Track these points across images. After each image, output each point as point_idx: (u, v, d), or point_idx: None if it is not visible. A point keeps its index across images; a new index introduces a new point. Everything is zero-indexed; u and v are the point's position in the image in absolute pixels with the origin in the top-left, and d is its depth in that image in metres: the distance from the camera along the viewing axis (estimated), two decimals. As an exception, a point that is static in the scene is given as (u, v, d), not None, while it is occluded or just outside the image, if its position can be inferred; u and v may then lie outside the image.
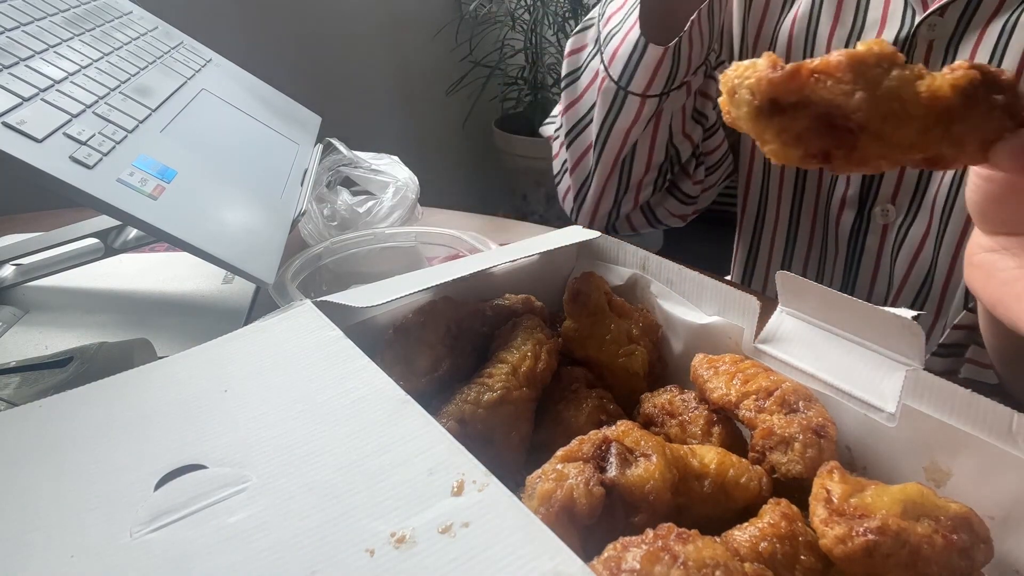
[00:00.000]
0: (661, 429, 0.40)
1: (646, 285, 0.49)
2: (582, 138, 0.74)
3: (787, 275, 0.41)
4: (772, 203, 0.78)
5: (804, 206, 0.75)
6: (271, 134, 0.73)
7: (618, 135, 0.69)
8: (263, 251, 0.54)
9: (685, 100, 0.70)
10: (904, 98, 0.31)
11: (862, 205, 0.69)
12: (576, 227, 0.51)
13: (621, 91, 0.67)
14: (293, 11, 1.62)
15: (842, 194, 0.70)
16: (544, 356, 0.41)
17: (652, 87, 0.66)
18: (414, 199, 0.74)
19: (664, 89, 0.67)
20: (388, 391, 0.31)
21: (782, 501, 0.33)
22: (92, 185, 0.48)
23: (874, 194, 0.68)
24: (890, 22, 0.62)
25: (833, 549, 0.29)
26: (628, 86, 0.67)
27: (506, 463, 0.37)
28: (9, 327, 0.59)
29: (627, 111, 0.68)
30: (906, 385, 0.35)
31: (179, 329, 0.60)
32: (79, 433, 0.30)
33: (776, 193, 0.77)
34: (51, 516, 0.26)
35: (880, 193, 0.68)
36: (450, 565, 0.23)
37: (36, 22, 0.60)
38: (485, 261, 0.46)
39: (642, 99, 0.67)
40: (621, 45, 0.67)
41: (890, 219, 0.68)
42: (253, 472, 0.27)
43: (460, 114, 2.07)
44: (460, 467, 0.27)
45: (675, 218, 0.79)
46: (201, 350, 0.35)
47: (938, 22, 0.59)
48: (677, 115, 0.70)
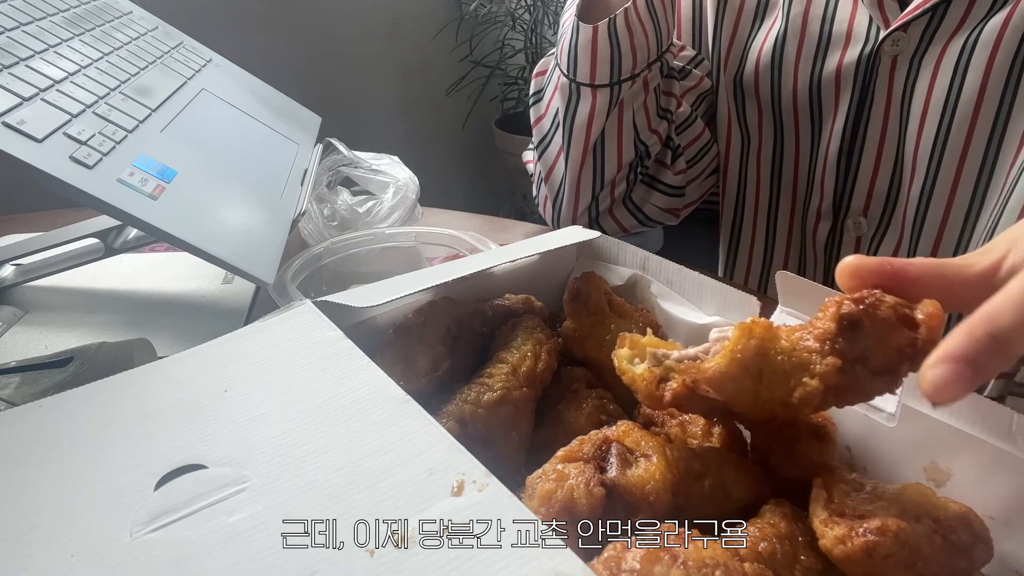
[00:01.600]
0: (661, 429, 0.40)
1: (646, 285, 0.49)
2: (551, 148, 0.75)
3: (787, 275, 0.41)
4: (749, 212, 0.78)
5: (780, 216, 0.76)
6: (271, 134, 0.73)
7: (580, 129, 0.70)
8: (263, 251, 0.54)
9: (645, 97, 0.70)
10: (782, 401, 0.31)
11: (836, 216, 0.70)
12: (576, 227, 0.51)
13: (572, 83, 0.68)
14: (293, 11, 1.62)
15: (817, 206, 0.71)
16: (544, 356, 0.41)
17: (597, 75, 0.67)
18: (414, 199, 0.74)
19: (612, 80, 0.67)
20: (388, 391, 0.31)
21: (782, 501, 0.33)
22: (92, 185, 0.48)
23: (846, 206, 0.69)
24: (855, 38, 0.63)
25: (833, 550, 0.29)
26: (576, 76, 0.67)
27: (506, 463, 0.37)
28: (9, 327, 0.59)
29: (583, 104, 0.69)
30: (906, 385, 0.35)
31: (179, 329, 0.60)
32: (79, 433, 0.30)
33: (753, 203, 0.78)
34: (51, 516, 0.26)
35: (852, 206, 0.69)
36: (450, 565, 0.23)
37: (36, 22, 0.60)
38: (485, 261, 0.46)
39: (592, 90, 0.67)
40: (565, 36, 0.68)
41: (863, 231, 0.69)
42: (253, 472, 0.27)
43: (460, 114, 2.07)
44: (460, 467, 0.27)
45: (666, 213, 0.79)
46: (201, 350, 0.35)
47: (902, 38, 0.60)
48: (640, 112, 0.70)
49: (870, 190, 0.67)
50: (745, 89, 0.73)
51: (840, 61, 0.64)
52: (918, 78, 0.61)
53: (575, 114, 0.69)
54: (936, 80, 0.59)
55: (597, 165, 0.73)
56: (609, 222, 0.77)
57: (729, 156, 0.78)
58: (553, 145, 0.74)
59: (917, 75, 0.61)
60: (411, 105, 1.98)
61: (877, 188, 0.67)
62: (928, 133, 0.61)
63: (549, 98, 0.73)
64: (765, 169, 0.75)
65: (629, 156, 0.72)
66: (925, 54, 0.60)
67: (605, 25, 0.64)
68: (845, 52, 0.64)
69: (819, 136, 0.69)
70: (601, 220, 0.77)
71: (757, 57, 0.70)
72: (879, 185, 0.67)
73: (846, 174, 0.68)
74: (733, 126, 0.76)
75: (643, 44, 0.66)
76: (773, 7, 0.69)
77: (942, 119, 0.60)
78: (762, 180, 0.76)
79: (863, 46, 0.63)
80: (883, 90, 0.63)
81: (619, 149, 0.72)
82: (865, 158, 0.66)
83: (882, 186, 0.67)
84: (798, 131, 0.71)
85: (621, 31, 0.65)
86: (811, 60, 0.66)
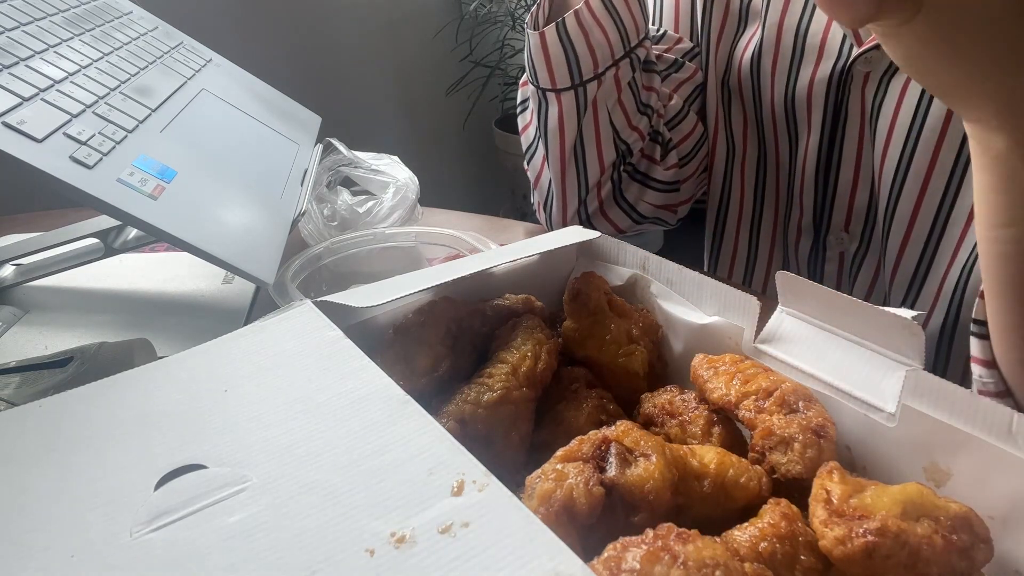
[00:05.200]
0: (661, 429, 0.40)
1: (646, 285, 0.49)
2: (536, 156, 0.74)
3: (787, 275, 0.41)
4: (732, 220, 0.78)
5: (763, 228, 0.76)
6: (271, 134, 0.73)
7: (553, 134, 0.70)
8: (263, 251, 0.54)
9: (619, 95, 0.69)
10: None
11: (817, 232, 0.70)
12: (576, 227, 0.51)
13: (538, 90, 0.68)
14: (293, 11, 1.62)
15: (797, 221, 0.71)
16: (544, 356, 0.41)
17: (556, 80, 0.66)
18: (414, 199, 0.74)
19: (574, 82, 0.66)
20: (388, 391, 0.31)
21: (782, 501, 0.33)
22: (92, 185, 0.48)
23: (827, 222, 0.69)
24: (827, 53, 0.63)
25: (833, 550, 0.29)
26: (539, 83, 0.67)
27: (506, 463, 0.37)
28: (9, 327, 0.59)
29: (551, 108, 0.68)
30: (906, 385, 0.35)
31: (179, 329, 0.60)
32: (79, 433, 0.30)
33: (736, 211, 0.77)
34: (51, 516, 0.26)
35: (833, 221, 0.69)
36: (450, 565, 0.23)
37: (36, 22, 0.60)
38: (485, 261, 0.46)
39: (556, 94, 0.67)
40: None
41: (845, 246, 0.69)
42: (253, 472, 0.27)
43: (460, 114, 2.07)
44: (460, 467, 0.27)
45: (662, 211, 0.77)
46: (201, 350, 0.35)
47: (874, 55, 0.60)
48: (616, 111, 0.69)
49: (850, 206, 0.67)
50: (731, 92, 0.73)
51: (812, 76, 0.64)
52: (886, 97, 0.60)
53: (546, 119, 0.69)
54: (903, 100, 0.59)
55: (580, 168, 0.72)
56: (603, 223, 0.76)
57: (715, 161, 0.78)
58: (538, 153, 0.74)
59: (885, 96, 0.61)
60: (411, 105, 1.98)
61: (857, 204, 0.67)
62: (892, 154, 0.61)
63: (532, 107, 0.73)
64: (749, 179, 0.75)
65: (610, 156, 0.72)
66: (895, 73, 0.60)
67: (553, 29, 0.63)
68: (817, 67, 0.64)
69: (796, 150, 0.69)
70: (594, 221, 0.76)
71: (739, 63, 0.70)
72: (859, 201, 0.66)
73: (824, 190, 0.68)
74: (720, 131, 0.76)
75: (602, 43, 0.65)
76: (755, 15, 0.69)
77: (907, 140, 0.60)
78: (746, 190, 0.76)
79: (835, 62, 0.62)
80: (856, 107, 0.63)
81: (599, 150, 0.71)
82: (843, 174, 0.66)
83: (862, 202, 0.66)
84: (777, 144, 0.70)
85: (574, 32, 0.64)
86: (785, 73, 0.66)
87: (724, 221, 0.79)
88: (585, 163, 0.72)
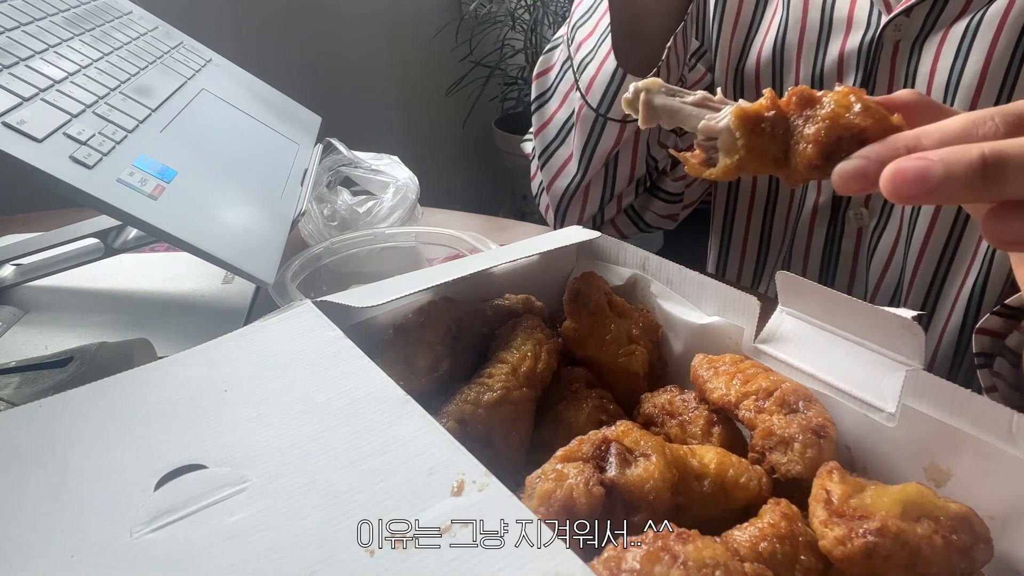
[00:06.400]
0: (661, 429, 0.40)
1: (646, 285, 0.49)
2: (554, 160, 0.75)
3: (787, 275, 0.41)
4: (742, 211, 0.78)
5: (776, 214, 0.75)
6: (271, 134, 0.73)
7: (600, 157, 0.70)
8: (263, 251, 0.54)
9: None
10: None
11: (835, 210, 0.70)
12: (576, 227, 0.51)
13: (600, 118, 0.68)
14: (293, 11, 1.62)
15: (813, 203, 0.71)
16: (544, 356, 0.41)
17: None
18: (414, 199, 0.74)
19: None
20: (388, 391, 0.31)
21: (782, 501, 0.33)
22: (92, 185, 0.48)
23: (847, 198, 0.69)
24: (856, 24, 0.63)
25: (833, 550, 0.29)
26: (608, 113, 0.67)
27: (506, 463, 0.37)
28: (9, 327, 0.59)
29: (607, 136, 0.69)
30: (906, 385, 0.35)
31: (179, 329, 0.60)
32: (79, 433, 0.30)
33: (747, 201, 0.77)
34: (51, 516, 0.26)
35: (853, 197, 0.68)
36: (450, 565, 0.23)
37: (36, 22, 0.60)
38: (485, 261, 0.46)
39: (621, 124, 0.68)
40: (597, 74, 0.67)
41: (864, 222, 0.69)
42: (253, 472, 0.27)
43: (460, 114, 2.07)
44: (460, 467, 0.27)
45: (664, 219, 0.79)
46: (201, 350, 0.35)
47: (904, 23, 0.60)
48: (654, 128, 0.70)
49: None
50: (746, 82, 0.72)
51: (842, 48, 0.64)
52: (920, 63, 0.60)
53: (597, 143, 0.70)
54: (938, 64, 0.59)
55: (608, 179, 0.73)
56: (610, 229, 0.78)
57: None
58: (557, 157, 0.74)
59: (919, 60, 0.60)
60: (411, 105, 1.98)
61: None
62: None
63: (555, 108, 0.73)
64: None
65: (640, 171, 0.73)
66: (927, 39, 0.59)
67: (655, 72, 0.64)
68: (847, 39, 0.63)
69: None
70: (602, 228, 0.77)
71: (759, 50, 0.69)
72: None
73: None
74: None
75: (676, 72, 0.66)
76: None
77: (943, 100, 0.59)
78: (759, 177, 0.76)
79: (864, 32, 0.62)
80: (885, 77, 0.62)
81: (632, 165, 0.72)
82: None
83: None
84: None
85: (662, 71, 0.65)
86: (813, 49, 0.66)
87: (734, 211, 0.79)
88: (615, 175, 0.73)
